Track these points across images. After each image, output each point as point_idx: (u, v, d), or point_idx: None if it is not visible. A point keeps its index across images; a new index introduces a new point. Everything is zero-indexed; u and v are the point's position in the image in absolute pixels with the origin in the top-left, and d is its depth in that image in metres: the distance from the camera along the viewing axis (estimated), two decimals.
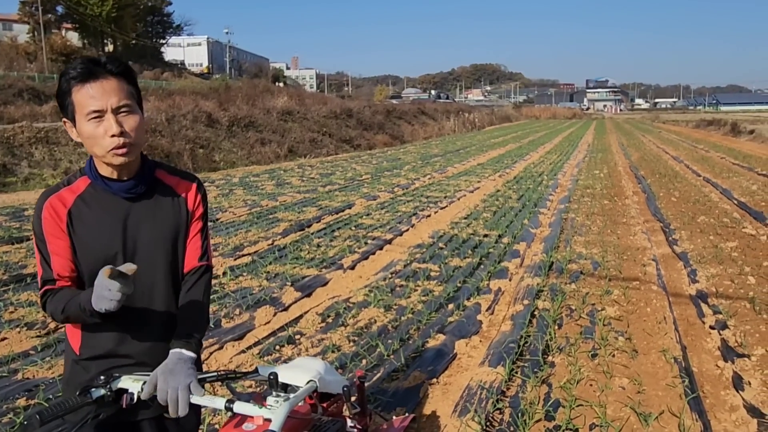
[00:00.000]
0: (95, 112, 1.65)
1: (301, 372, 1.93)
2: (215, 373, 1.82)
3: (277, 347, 4.79)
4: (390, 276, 6.86)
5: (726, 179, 15.77)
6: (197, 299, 1.89)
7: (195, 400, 1.67)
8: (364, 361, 4.52)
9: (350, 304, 5.88)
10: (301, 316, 5.53)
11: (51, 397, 3.89)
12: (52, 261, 1.76)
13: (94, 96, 1.65)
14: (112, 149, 1.68)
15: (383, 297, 6.03)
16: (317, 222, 10.05)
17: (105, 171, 1.77)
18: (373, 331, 5.15)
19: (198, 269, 1.92)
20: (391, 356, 4.61)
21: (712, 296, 6.08)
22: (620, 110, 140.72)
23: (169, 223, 1.86)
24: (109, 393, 1.65)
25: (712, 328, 5.25)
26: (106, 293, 1.55)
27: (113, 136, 1.66)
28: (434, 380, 4.23)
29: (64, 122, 1.74)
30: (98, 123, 1.66)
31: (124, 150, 1.69)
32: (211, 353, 4.69)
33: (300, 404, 1.90)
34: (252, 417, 1.67)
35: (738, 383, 4.14)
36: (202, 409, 2.33)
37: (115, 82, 1.68)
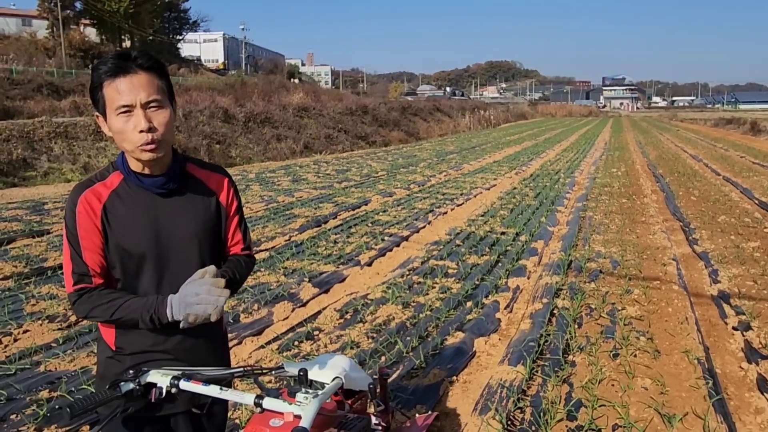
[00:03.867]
0: (124, 107, 1.65)
1: (327, 368, 1.92)
2: (242, 369, 1.81)
3: (296, 343, 4.79)
4: (407, 273, 6.84)
5: (746, 178, 15.56)
6: (237, 261, 1.96)
7: (224, 395, 1.66)
8: (383, 358, 4.51)
9: (368, 300, 5.87)
10: (319, 312, 5.53)
11: (73, 389, 3.93)
12: (85, 256, 1.74)
13: (123, 91, 1.64)
14: (140, 145, 1.67)
15: (401, 294, 6.01)
16: (334, 218, 10.05)
17: (136, 166, 1.76)
18: (392, 328, 5.13)
19: (245, 256, 2.01)
20: (410, 353, 4.60)
21: (735, 297, 6.00)
22: (637, 108, 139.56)
23: (201, 219, 1.85)
24: (138, 387, 1.65)
25: (735, 329, 5.18)
26: (212, 299, 1.64)
27: (141, 131, 1.65)
28: (454, 378, 4.21)
29: (96, 117, 1.74)
30: (127, 118, 1.66)
31: (152, 146, 1.68)
32: (229, 348, 4.70)
33: (327, 401, 1.89)
34: (279, 413, 1.66)
35: (763, 385, 4.07)
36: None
37: (145, 76, 1.66)
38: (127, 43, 50.05)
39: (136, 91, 1.64)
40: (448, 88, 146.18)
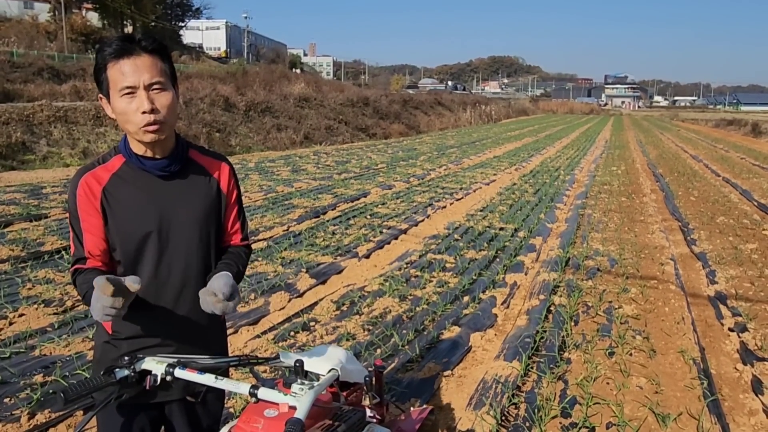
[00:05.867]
0: (128, 88, 1.65)
1: (323, 360, 1.91)
2: (237, 358, 1.80)
3: (292, 333, 4.78)
4: (405, 266, 6.83)
5: (746, 180, 15.56)
6: (239, 254, 1.96)
7: (219, 384, 1.65)
8: (378, 351, 4.51)
9: (365, 292, 5.87)
10: (315, 303, 5.53)
11: (68, 374, 3.92)
12: (85, 239, 1.75)
13: (126, 72, 1.65)
14: (143, 126, 1.68)
15: (398, 287, 6.01)
16: (332, 209, 10.03)
17: (138, 149, 1.77)
18: (388, 321, 5.13)
19: (244, 246, 2.01)
20: (406, 346, 4.59)
21: (732, 298, 6.00)
22: (638, 107, 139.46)
23: (202, 204, 1.86)
24: (132, 374, 1.65)
25: (731, 330, 5.18)
26: (98, 306, 1.53)
27: (144, 112, 1.66)
28: (449, 372, 4.21)
29: (101, 98, 1.74)
30: (130, 99, 1.66)
31: (155, 127, 1.69)
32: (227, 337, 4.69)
33: (322, 392, 1.88)
34: (274, 403, 1.65)
35: (757, 387, 4.08)
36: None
37: (149, 59, 1.67)
38: (129, 29, 49.74)
39: (140, 72, 1.65)
40: (449, 82, 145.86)
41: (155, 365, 1.68)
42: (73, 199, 1.75)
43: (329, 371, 1.84)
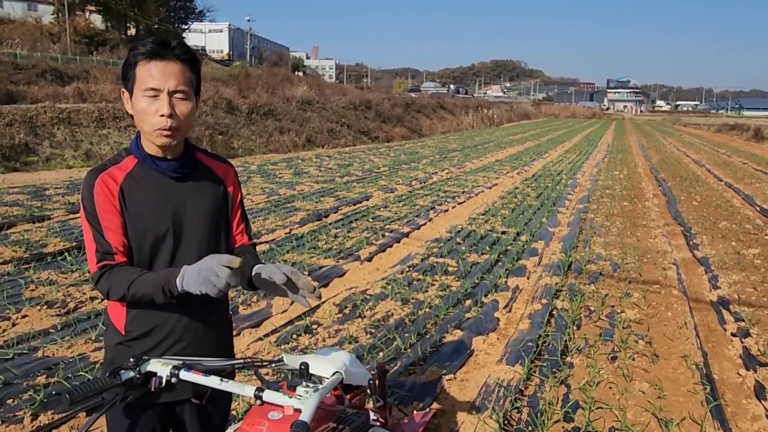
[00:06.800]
0: (152, 89, 1.70)
1: (327, 363, 1.91)
2: (242, 361, 1.81)
3: (294, 336, 4.79)
4: (407, 269, 6.83)
5: (749, 185, 15.54)
6: (251, 252, 2.03)
7: (224, 386, 1.66)
8: (381, 354, 4.51)
9: (367, 296, 5.87)
10: (318, 306, 5.52)
11: (70, 375, 3.93)
12: (107, 235, 1.76)
13: (154, 74, 1.70)
14: (158, 129, 1.72)
15: (400, 290, 6.01)
16: (335, 212, 10.05)
17: (151, 149, 1.80)
18: (390, 324, 5.13)
19: (252, 246, 2.06)
20: (408, 350, 4.60)
21: (734, 303, 6.00)
22: (641, 111, 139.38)
23: (211, 203, 1.91)
24: (138, 376, 1.65)
25: (733, 335, 5.18)
26: (220, 281, 1.60)
27: (162, 116, 1.70)
28: (451, 376, 4.20)
29: (122, 92, 1.79)
30: (152, 101, 1.71)
31: (169, 132, 1.73)
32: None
33: (326, 395, 1.88)
34: (279, 406, 1.65)
35: (760, 392, 4.07)
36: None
37: (179, 66, 1.72)
38: (132, 31, 49.94)
39: (167, 77, 1.70)
40: (452, 86, 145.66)
41: (160, 367, 1.68)
42: (89, 198, 1.75)
43: (333, 374, 1.84)
